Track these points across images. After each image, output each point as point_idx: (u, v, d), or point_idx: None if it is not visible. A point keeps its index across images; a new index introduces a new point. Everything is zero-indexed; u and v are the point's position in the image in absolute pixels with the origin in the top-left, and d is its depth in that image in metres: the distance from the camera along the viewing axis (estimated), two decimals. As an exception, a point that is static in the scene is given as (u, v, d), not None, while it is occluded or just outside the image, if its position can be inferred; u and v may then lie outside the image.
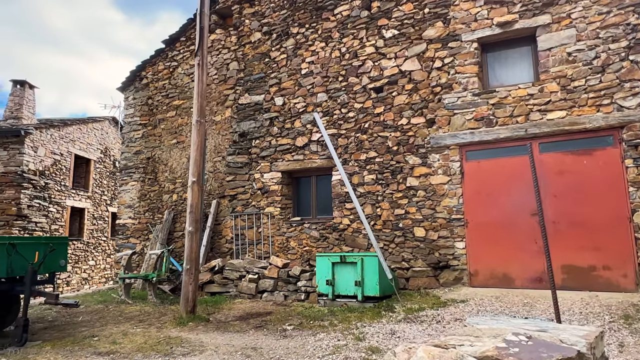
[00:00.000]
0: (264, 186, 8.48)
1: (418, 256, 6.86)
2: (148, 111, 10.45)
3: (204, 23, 6.08)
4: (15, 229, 11.47)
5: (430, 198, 6.84)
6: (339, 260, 6.47)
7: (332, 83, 7.97)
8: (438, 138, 6.82)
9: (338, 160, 6.67)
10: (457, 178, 6.67)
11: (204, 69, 6.05)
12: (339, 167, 6.58)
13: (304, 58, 8.34)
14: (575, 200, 5.90)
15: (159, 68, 10.47)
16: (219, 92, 9.39)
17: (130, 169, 10.50)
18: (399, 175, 7.13)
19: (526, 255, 6.12)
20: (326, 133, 6.78)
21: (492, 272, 6.32)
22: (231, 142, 9.02)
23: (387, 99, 7.37)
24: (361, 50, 7.71)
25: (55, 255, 5.50)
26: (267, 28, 8.89)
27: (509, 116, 6.37)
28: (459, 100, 6.74)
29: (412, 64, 7.19)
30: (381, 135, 7.36)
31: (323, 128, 6.65)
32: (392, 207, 7.15)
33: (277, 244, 8.24)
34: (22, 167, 11.68)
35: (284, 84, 8.51)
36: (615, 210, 5.66)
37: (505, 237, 6.28)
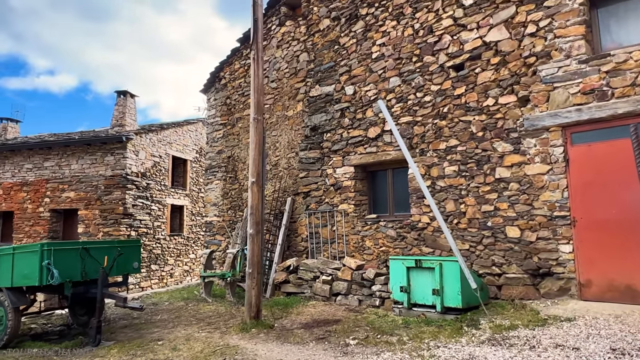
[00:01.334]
0: (337, 182, 7.99)
1: (512, 260, 5.79)
2: (227, 111, 10.63)
3: (257, 14, 5.76)
4: (122, 227, 12.64)
5: (526, 191, 5.71)
6: (414, 265, 5.73)
7: (405, 65, 7.14)
8: (534, 119, 5.64)
9: (407, 151, 5.89)
10: (559, 166, 5.45)
11: (259, 63, 5.73)
12: (408, 158, 5.80)
13: (374, 40, 7.62)
14: None
15: (235, 67, 10.56)
16: (290, 85, 9.11)
17: (213, 168, 10.81)
18: (486, 166, 6.09)
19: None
20: (392, 121, 6.03)
21: (611, 282, 5.04)
22: (303, 137, 8.69)
23: (469, 77, 6.33)
24: (437, 24, 6.75)
25: (128, 258, 5.68)
26: (336, 13, 8.32)
27: (630, 85, 4.97)
28: (560, 70, 5.48)
29: (499, 32, 6.05)
30: (463, 120, 6.37)
31: (389, 116, 5.92)
32: (478, 203, 6.15)
33: (352, 243, 7.71)
34: (126, 169, 12.79)
35: (354, 71, 7.89)
36: None
37: (630, 239, 4.95)
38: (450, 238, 5.41)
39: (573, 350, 3.81)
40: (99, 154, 13.02)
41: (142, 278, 13.32)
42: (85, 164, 13.12)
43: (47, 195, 13.31)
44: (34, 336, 5.95)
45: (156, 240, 14.05)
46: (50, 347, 5.13)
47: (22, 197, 13.56)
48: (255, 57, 5.73)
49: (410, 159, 5.78)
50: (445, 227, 5.51)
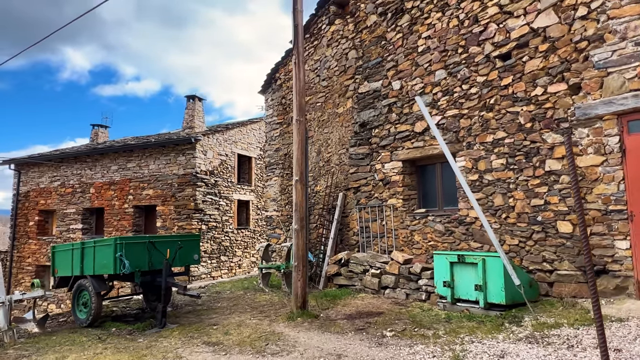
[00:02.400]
0: (385, 177, 8.08)
1: (564, 257, 5.54)
2: (283, 110, 11.10)
3: (297, 20, 6.04)
4: (194, 221, 13.76)
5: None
6: (457, 260, 5.71)
7: (450, 57, 7.02)
8: (586, 107, 5.32)
9: (445, 145, 5.84)
10: (615, 157, 5.10)
11: (301, 67, 6.01)
12: (446, 152, 5.75)
13: (420, 34, 7.56)
14: None
15: (289, 68, 10.97)
16: (340, 83, 9.32)
17: (272, 165, 11.37)
18: (535, 158, 5.85)
19: None
20: (429, 116, 5.99)
21: (674, 282, 4.66)
22: (353, 133, 8.87)
23: (516, 67, 6.10)
24: (482, 13, 6.55)
25: (189, 251, 6.32)
26: (382, 8, 8.36)
27: (695, 66, 4.52)
28: (615, 54, 5.10)
29: (547, 17, 5.75)
30: (510, 111, 6.15)
31: (426, 112, 5.89)
32: (527, 197, 5.93)
33: (402, 237, 7.78)
34: (195, 168, 13.87)
35: (401, 66, 7.90)
36: None
37: (695, 235, 4.53)
38: (491, 232, 5.32)
39: (614, 351, 3.65)
40: (172, 154, 14.25)
41: (212, 268, 14.40)
42: (161, 164, 14.43)
43: (130, 193, 14.85)
44: (115, 317, 6.85)
45: (225, 234, 15.07)
46: (125, 327, 5.92)
47: (110, 195, 15.26)
48: (297, 61, 6.02)
49: (449, 154, 5.74)
50: (485, 221, 5.43)
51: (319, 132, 9.81)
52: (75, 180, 16.10)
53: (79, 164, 16.09)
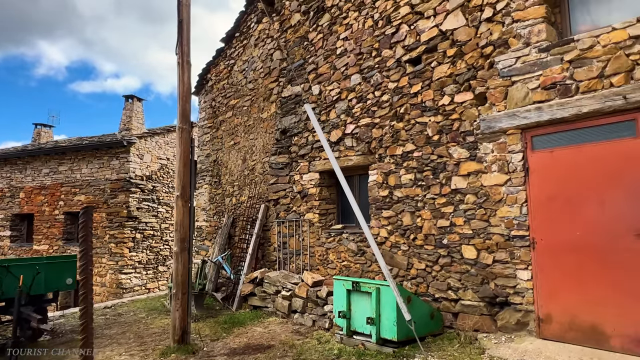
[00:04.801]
0: (303, 189, 7.45)
1: (468, 285, 4.99)
2: (213, 113, 10.37)
3: (182, 15, 5.34)
4: (127, 229, 12.87)
5: (482, 205, 4.87)
6: (352, 288, 5.10)
7: (365, 60, 6.42)
8: (490, 120, 4.77)
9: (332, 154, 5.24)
10: (518, 177, 4.56)
11: (185, 68, 5.32)
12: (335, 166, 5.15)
13: (339, 35, 6.95)
14: None
15: (220, 68, 10.25)
16: (265, 86, 8.64)
17: (203, 172, 10.62)
18: (442, 175, 5.29)
19: (629, 300, 3.79)
20: (318, 125, 5.38)
21: (574, 319, 4.13)
22: (275, 140, 8.21)
23: (425, 73, 5.53)
24: (395, 13, 5.97)
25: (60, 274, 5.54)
26: (305, 7, 7.72)
27: (597, 77, 4.01)
28: (519, 61, 4.57)
29: (455, 19, 5.20)
30: (419, 121, 5.58)
31: (315, 119, 5.29)
32: (434, 217, 5.37)
33: (317, 255, 7.15)
34: (130, 173, 12.99)
35: (320, 69, 7.27)
36: None
37: (596, 268, 4.02)
38: (379, 258, 4.73)
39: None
40: (106, 158, 13.32)
41: (148, 280, 13.53)
42: (94, 168, 13.49)
43: (62, 199, 13.85)
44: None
45: (164, 242, 14.21)
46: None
47: (41, 200, 14.22)
48: (180, 61, 5.32)
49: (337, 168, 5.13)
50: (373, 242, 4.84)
51: (245, 138, 9.12)
52: (4, 183, 14.98)
53: (9, 166, 14.98)
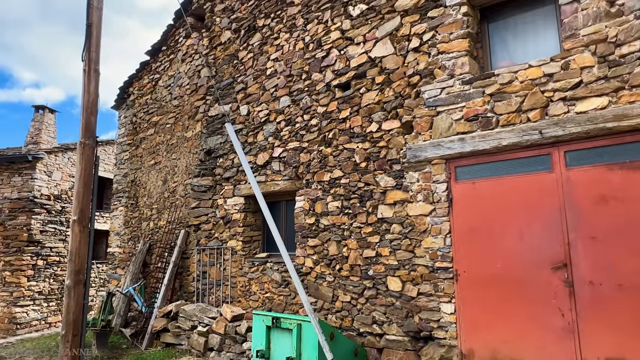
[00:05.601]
0: (227, 214, 6.96)
1: (393, 319, 4.79)
2: (133, 130, 9.59)
3: (92, 19, 4.79)
4: (26, 255, 11.37)
5: (408, 235, 4.75)
6: (272, 324, 4.68)
7: (295, 83, 6.23)
8: (416, 149, 4.72)
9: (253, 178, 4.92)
10: (443, 207, 4.51)
11: (92, 76, 4.74)
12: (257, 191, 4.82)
13: (269, 55, 6.72)
14: (630, 246, 3.46)
15: (144, 82, 9.58)
16: (191, 103, 8.14)
17: (119, 193, 9.71)
18: (369, 203, 5.13)
19: (547, 334, 3.78)
20: (240, 148, 5.06)
21: (495, 355, 4.06)
22: (199, 161, 7.68)
23: (354, 98, 5.43)
24: (325, 37, 5.88)
25: None
26: (236, 25, 7.44)
27: (515, 111, 4.10)
28: (444, 92, 4.60)
29: (384, 47, 5.19)
30: (347, 147, 5.44)
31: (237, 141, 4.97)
32: (360, 247, 5.17)
33: (240, 286, 6.64)
34: (34, 192, 11.60)
35: (250, 89, 6.96)
36: None
37: (516, 301, 3.99)
38: (300, 290, 4.39)
39: None
40: (6, 174, 11.80)
41: (50, 312, 11.97)
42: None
43: (-52, 219, 11.98)
44: None
45: (72, 270, 12.72)
46: None
47: None
48: (87, 68, 4.74)
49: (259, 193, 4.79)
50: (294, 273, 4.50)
51: (167, 158, 8.47)
52: None
53: None
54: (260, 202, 4.68)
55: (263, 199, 4.71)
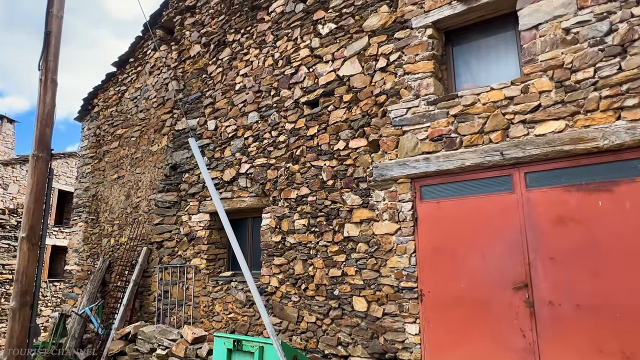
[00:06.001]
0: (191, 231, 6.75)
1: (358, 340, 4.70)
2: (96, 142, 9.27)
3: (51, 27, 4.61)
4: (-25, 273, 10.69)
5: (374, 254, 4.71)
6: (234, 347, 4.50)
7: (264, 99, 6.18)
8: (382, 168, 4.72)
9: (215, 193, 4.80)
10: (408, 226, 4.50)
11: (49, 87, 4.53)
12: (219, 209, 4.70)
13: (238, 70, 6.66)
14: (587, 267, 3.53)
15: (109, 94, 9.31)
16: (157, 117, 7.95)
17: (79, 207, 9.31)
18: (335, 221, 5.08)
19: (509, 355, 3.78)
20: (203, 162, 4.95)
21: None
22: (164, 176, 7.46)
23: (322, 116, 5.42)
24: (295, 55, 5.87)
25: None
26: (206, 39, 7.36)
27: (477, 132, 4.17)
28: (409, 112, 4.64)
29: (352, 66, 5.22)
30: (315, 164, 5.39)
31: (200, 157, 4.84)
32: (326, 266, 5.09)
33: (203, 306, 6.41)
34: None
35: (218, 104, 6.86)
36: (658, 290, 3.23)
37: (479, 322, 3.99)
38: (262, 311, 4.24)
39: None
40: (-43, 186, 11.16)
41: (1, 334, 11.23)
42: (-60, 198, 11.19)
43: None
44: None
45: (26, 288, 12.04)
46: None
47: None
48: (43, 78, 4.53)
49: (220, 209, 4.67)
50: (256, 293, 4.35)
51: (131, 172, 8.20)
52: None
53: None
54: (223, 219, 4.55)
55: (225, 216, 4.58)
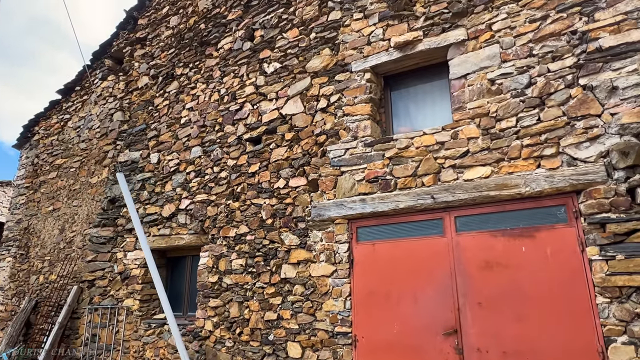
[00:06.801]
0: (126, 269, 6.37)
1: (291, 389, 4.46)
2: (33, 172, 8.77)
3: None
4: None
5: (310, 297, 4.56)
6: (155, 400, 4.16)
7: (208, 134, 6.07)
8: (320, 208, 4.67)
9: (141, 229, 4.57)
10: (344, 268, 4.42)
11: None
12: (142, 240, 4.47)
13: (185, 104, 6.56)
14: (512, 313, 3.54)
15: (52, 122, 8.92)
16: (99, 148, 7.64)
17: (9, 241, 8.65)
18: (273, 261, 4.92)
19: (439, 405, 3.67)
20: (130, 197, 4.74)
21: None
22: (101, 210, 7.09)
23: (264, 153, 5.36)
24: (240, 91, 5.86)
25: None
26: (155, 71, 7.25)
27: (411, 176, 4.22)
28: (347, 153, 4.67)
29: (294, 105, 5.25)
30: (255, 202, 5.28)
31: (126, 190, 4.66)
32: (262, 309, 4.88)
33: (133, 352, 5.96)
34: None
35: (162, 137, 6.68)
36: (576, 336, 3.27)
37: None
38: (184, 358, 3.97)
39: None
40: None
41: None
42: None
43: None
44: None
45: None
46: None
47: None
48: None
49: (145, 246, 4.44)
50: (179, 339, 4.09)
51: (67, 205, 7.76)
52: None
53: None
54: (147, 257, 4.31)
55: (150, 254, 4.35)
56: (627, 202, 3.18)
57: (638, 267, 3.06)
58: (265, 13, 5.92)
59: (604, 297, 3.17)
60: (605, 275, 3.18)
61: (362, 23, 4.91)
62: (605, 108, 3.42)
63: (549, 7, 3.84)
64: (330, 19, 5.20)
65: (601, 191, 3.30)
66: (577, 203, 3.45)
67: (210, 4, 6.77)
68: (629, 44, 3.39)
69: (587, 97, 3.50)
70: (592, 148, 3.42)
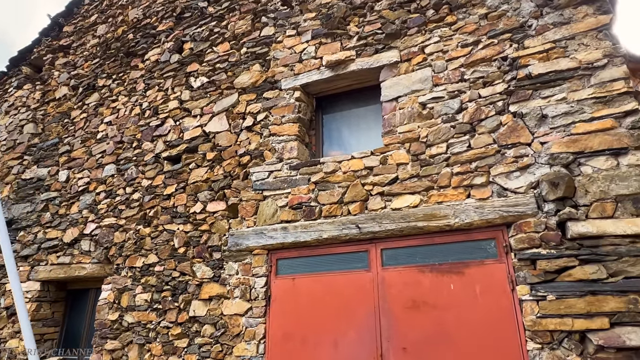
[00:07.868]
0: (13, 304, 5.44)
1: None
2: None
3: None
4: None
5: (219, 340, 3.95)
6: None
7: (125, 150, 5.45)
8: (238, 236, 4.15)
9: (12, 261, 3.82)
10: (259, 306, 3.88)
11: None
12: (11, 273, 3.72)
13: (103, 118, 5.92)
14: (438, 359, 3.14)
15: (-46, 132, 7.87)
16: (4, 162, 6.74)
17: None
18: (182, 297, 4.29)
19: None
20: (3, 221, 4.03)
21: None
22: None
23: (182, 174, 4.82)
24: (163, 106, 5.34)
25: None
26: (76, 81, 6.59)
27: (337, 203, 3.83)
28: (271, 176, 4.23)
29: (219, 122, 4.79)
30: (168, 228, 4.67)
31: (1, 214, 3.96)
32: (165, 353, 4.19)
33: (11, 404, 4.98)
34: None
35: (75, 153, 5.96)
36: (507, 388, 2.90)
37: None
38: None
39: None
40: None
41: None
42: None
43: None
44: None
45: None
46: None
47: None
48: None
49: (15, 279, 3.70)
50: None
51: (-42, 226, 6.68)
52: None
53: None
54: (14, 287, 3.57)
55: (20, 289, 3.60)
56: (557, 236, 2.94)
57: (569, 309, 2.78)
58: (197, 25, 5.54)
59: (535, 342, 2.85)
60: (535, 318, 2.87)
61: (294, 40, 4.62)
62: (535, 136, 3.24)
63: (481, 33, 3.71)
64: (263, 35, 4.89)
65: (531, 224, 3.04)
66: (508, 237, 3.18)
67: (142, 14, 6.32)
68: (558, 72, 3.26)
69: (517, 125, 3.32)
70: (522, 178, 3.20)
